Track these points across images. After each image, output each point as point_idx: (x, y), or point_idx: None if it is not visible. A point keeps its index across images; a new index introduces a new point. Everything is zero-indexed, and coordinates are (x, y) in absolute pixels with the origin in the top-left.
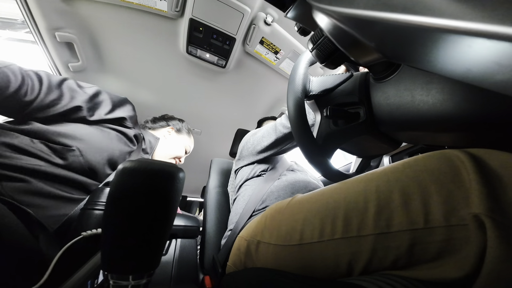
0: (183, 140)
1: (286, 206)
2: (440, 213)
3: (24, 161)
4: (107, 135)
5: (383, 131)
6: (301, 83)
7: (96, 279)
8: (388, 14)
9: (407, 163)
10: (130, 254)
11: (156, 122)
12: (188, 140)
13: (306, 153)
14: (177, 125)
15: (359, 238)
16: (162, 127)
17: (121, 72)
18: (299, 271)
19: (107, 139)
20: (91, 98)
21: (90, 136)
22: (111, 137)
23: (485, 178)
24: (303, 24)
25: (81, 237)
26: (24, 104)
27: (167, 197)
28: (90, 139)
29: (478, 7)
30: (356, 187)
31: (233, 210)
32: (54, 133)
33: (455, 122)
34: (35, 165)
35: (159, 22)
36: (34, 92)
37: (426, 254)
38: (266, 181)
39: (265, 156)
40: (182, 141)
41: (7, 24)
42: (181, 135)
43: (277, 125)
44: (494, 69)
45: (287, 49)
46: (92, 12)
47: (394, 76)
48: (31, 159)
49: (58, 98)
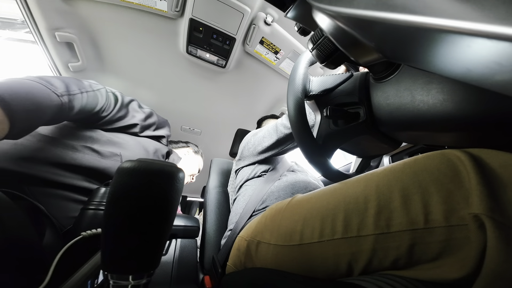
0: (198, 160)
1: (286, 206)
2: (440, 213)
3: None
4: (147, 147)
5: (383, 131)
6: (301, 83)
7: (96, 279)
8: (388, 14)
9: (407, 163)
10: (130, 254)
11: (178, 143)
12: (201, 160)
13: (306, 153)
14: (194, 148)
15: (359, 238)
16: (183, 147)
17: (121, 72)
18: (299, 271)
19: (146, 151)
20: (146, 118)
21: (134, 147)
22: (150, 149)
23: (485, 178)
24: (303, 24)
25: (81, 237)
26: (101, 118)
27: (167, 197)
28: (134, 149)
29: (478, 7)
30: (356, 187)
31: (233, 210)
32: (107, 141)
33: (455, 122)
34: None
35: (159, 22)
36: (110, 109)
37: (426, 254)
38: (267, 182)
39: (266, 157)
40: (197, 161)
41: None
42: (197, 156)
43: (278, 125)
44: (494, 69)
45: (287, 49)
46: (92, 12)
47: (394, 76)
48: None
49: (125, 115)
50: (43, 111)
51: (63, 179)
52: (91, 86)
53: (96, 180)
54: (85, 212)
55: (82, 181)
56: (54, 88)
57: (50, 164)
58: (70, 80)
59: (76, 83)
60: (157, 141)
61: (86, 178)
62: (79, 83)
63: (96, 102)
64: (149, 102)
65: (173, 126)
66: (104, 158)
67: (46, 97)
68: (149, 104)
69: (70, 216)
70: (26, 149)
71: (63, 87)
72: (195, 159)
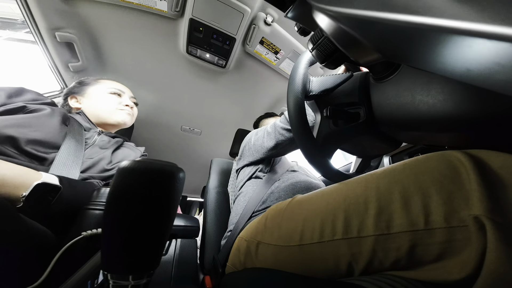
0: (102, 86)
1: (286, 206)
2: (440, 214)
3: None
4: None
5: (383, 131)
6: (301, 83)
7: (96, 279)
8: (388, 14)
9: (408, 164)
10: (130, 254)
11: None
12: (109, 83)
13: (306, 153)
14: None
15: (359, 239)
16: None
17: (121, 72)
18: (299, 271)
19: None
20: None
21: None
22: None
23: (485, 179)
24: (303, 24)
25: (81, 237)
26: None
27: (167, 197)
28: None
29: (478, 8)
30: (356, 188)
31: (233, 211)
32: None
33: (455, 122)
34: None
35: (159, 22)
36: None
37: (426, 256)
38: (267, 182)
39: (267, 156)
40: (100, 88)
41: (7, 24)
42: (96, 84)
43: (276, 126)
44: (494, 69)
45: (287, 49)
46: (92, 12)
47: (394, 76)
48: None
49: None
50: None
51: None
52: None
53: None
54: (85, 212)
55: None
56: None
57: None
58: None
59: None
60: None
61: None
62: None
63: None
64: (149, 102)
65: (173, 126)
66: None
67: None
68: (149, 104)
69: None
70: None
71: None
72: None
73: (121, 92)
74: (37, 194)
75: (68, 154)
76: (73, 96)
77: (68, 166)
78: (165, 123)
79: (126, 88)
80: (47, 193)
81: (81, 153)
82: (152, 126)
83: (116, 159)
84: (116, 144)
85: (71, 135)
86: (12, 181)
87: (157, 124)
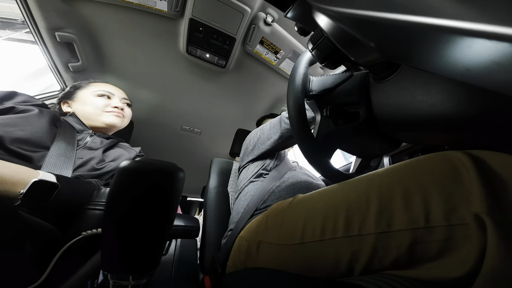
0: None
1: (287, 205)
2: (440, 212)
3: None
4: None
5: (383, 131)
6: (301, 83)
7: (96, 279)
8: (388, 14)
9: (409, 164)
10: (130, 254)
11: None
12: (99, 84)
13: (306, 153)
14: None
15: (360, 237)
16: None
17: (121, 72)
18: (300, 270)
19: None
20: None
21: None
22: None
23: (485, 178)
24: (303, 24)
25: (81, 237)
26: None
27: (167, 197)
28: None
29: (478, 8)
30: (358, 187)
31: (234, 209)
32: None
33: (455, 122)
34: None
35: (159, 22)
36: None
37: (427, 254)
38: (269, 181)
39: (272, 147)
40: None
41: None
42: (83, 90)
43: (283, 115)
44: (494, 69)
45: (287, 49)
46: (92, 12)
47: (394, 76)
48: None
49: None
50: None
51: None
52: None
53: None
54: (85, 212)
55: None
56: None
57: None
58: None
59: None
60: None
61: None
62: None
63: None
64: (149, 102)
65: (173, 126)
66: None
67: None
68: (149, 104)
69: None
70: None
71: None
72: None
73: (109, 94)
74: (35, 191)
75: (58, 155)
76: (65, 101)
77: (58, 167)
78: (165, 123)
79: (117, 89)
80: (45, 190)
81: (72, 154)
82: (152, 126)
83: (108, 158)
84: (108, 144)
85: (62, 137)
86: (9, 178)
87: (157, 124)
